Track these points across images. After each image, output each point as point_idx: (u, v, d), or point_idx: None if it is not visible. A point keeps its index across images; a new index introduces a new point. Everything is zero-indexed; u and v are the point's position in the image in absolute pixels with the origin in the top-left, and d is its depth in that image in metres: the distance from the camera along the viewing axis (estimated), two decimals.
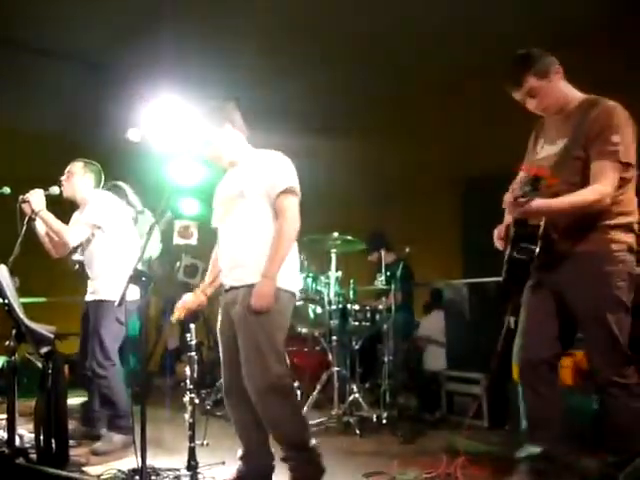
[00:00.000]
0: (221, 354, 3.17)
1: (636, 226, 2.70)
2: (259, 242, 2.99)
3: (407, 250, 5.30)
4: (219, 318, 3.17)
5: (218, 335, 3.19)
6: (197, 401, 3.44)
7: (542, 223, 2.62)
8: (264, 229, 3.02)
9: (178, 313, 3.34)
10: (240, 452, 3.17)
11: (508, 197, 2.62)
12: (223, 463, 3.52)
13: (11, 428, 2.97)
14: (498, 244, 2.91)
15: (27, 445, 3.38)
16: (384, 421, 4.60)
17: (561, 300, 2.74)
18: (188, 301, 3.33)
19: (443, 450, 3.58)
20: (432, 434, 4.39)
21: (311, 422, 4.39)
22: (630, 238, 2.67)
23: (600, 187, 2.55)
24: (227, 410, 3.21)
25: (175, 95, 6.39)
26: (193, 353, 3.49)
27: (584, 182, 2.60)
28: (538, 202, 2.47)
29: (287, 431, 3.01)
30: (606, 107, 2.62)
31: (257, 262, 2.95)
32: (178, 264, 7.26)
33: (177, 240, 7.23)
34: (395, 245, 5.98)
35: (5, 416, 3.18)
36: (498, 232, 2.92)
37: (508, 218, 2.85)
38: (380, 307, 5.10)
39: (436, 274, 6.45)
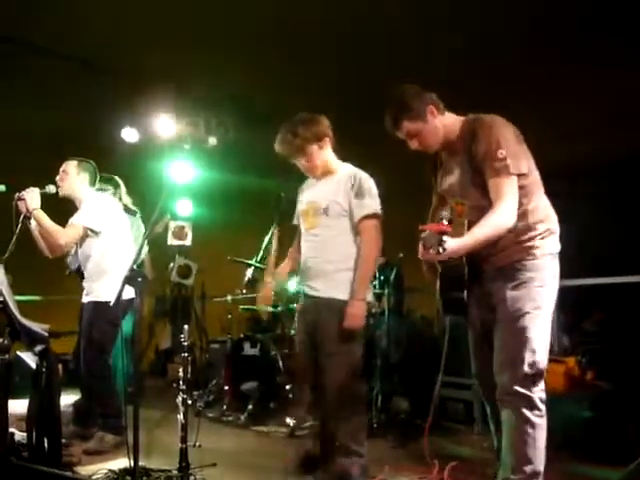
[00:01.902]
0: (298, 346, 3.48)
1: (554, 228, 2.68)
2: (340, 258, 3.23)
3: (400, 255, 5.31)
4: (297, 319, 3.49)
5: (296, 332, 3.55)
6: (190, 402, 3.44)
7: (464, 262, 2.62)
8: (346, 247, 3.25)
9: (264, 303, 3.70)
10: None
11: (421, 249, 2.48)
12: (214, 465, 3.51)
13: (3, 427, 2.96)
14: (428, 277, 2.86)
15: (18, 444, 3.36)
16: (376, 425, 4.61)
17: (490, 315, 2.70)
18: (269, 289, 3.55)
19: (435, 455, 3.59)
20: (423, 440, 4.40)
21: (304, 425, 4.41)
22: (550, 243, 2.65)
23: (501, 208, 2.52)
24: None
25: (172, 96, 6.43)
26: (186, 354, 3.48)
27: (490, 204, 2.57)
28: (452, 245, 2.38)
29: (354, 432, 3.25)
30: (483, 125, 2.62)
31: (338, 276, 3.22)
32: (172, 265, 7.27)
33: (171, 241, 7.24)
34: (386, 249, 5.99)
35: None
36: (427, 267, 2.87)
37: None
38: (373, 311, 5.11)
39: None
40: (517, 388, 2.53)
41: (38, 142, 6.86)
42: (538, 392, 2.56)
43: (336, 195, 3.25)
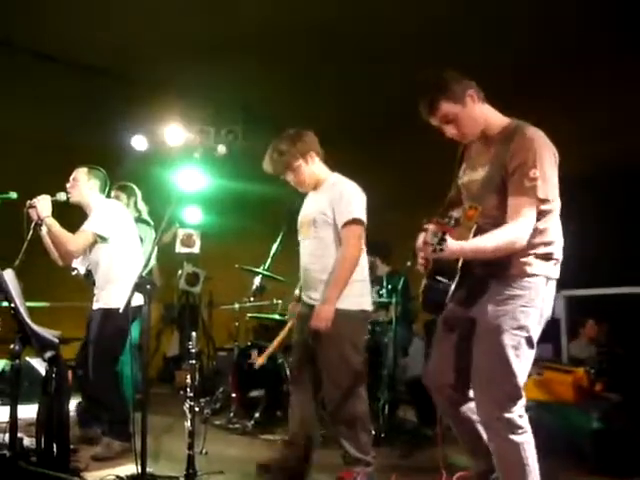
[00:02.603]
0: (293, 352, 3.59)
1: (557, 255, 2.58)
2: (328, 268, 3.32)
3: (408, 264, 5.31)
4: (296, 324, 3.61)
5: (293, 338, 3.62)
6: (197, 409, 3.45)
7: (459, 267, 2.56)
8: (331, 257, 3.33)
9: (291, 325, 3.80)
10: (287, 436, 3.53)
11: (420, 242, 2.43)
12: (221, 472, 3.52)
13: (13, 431, 2.97)
14: (421, 268, 2.73)
15: (27, 449, 3.38)
16: (382, 435, 4.60)
17: (468, 329, 2.62)
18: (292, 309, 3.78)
19: (442, 464, 3.57)
20: (431, 449, 4.39)
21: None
22: (548, 267, 2.55)
23: (515, 228, 2.43)
24: (292, 394, 3.55)
25: (181, 105, 6.47)
26: (194, 361, 3.48)
27: (503, 215, 2.48)
28: (452, 246, 2.29)
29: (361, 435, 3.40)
30: (526, 138, 2.47)
31: (323, 287, 3.34)
32: (180, 272, 7.30)
33: (180, 248, 7.26)
34: (393, 258, 6.01)
35: (7, 419, 3.18)
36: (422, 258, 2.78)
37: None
38: (380, 320, 5.12)
39: None
40: (496, 413, 2.46)
41: (49, 150, 6.91)
42: (518, 410, 2.48)
43: (322, 206, 3.37)
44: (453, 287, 2.57)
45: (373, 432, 4.58)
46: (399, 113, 6.69)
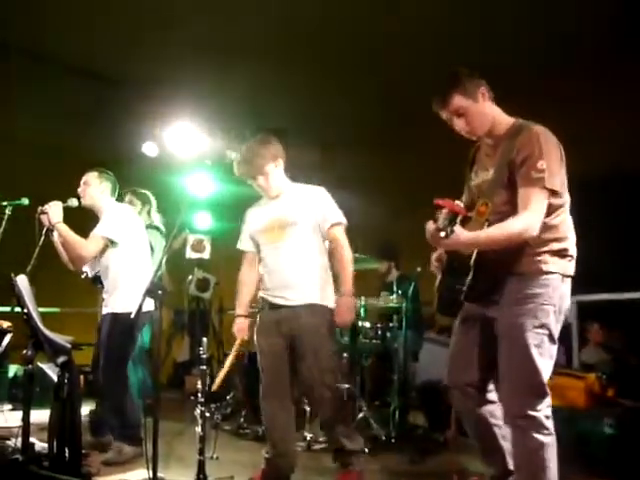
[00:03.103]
0: (262, 362, 3.49)
1: (572, 252, 2.61)
2: (312, 266, 3.42)
3: (418, 270, 5.30)
4: (262, 332, 3.51)
5: (259, 345, 3.51)
6: (207, 414, 3.45)
7: (474, 254, 2.57)
8: (316, 254, 3.45)
9: (239, 345, 3.65)
10: (265, 454, 3.45)
11: (430, 227, 2.41)
12: (232, 477, 3.52)
13: (25, 436, 2.99)
14: (434, 268, 2.84)
15: (38, 453, 3.40)
16: (393, 440, 4.59)
17: (488, 327, 2.64)
18: (243, 330, 3.64)
19: (453, 471, 3.56)
20: (441, 454, 4.38)
21: (320, 439, 4.41)
22: (564, 264, 2.58)
23: (525, 216, 2.46)
24: (263, 412, 3.50)
25: (192, 110, 6.51)
26: (205, 367, 3.49)
27: (513, 210, 2.51)
28: (465, 235, 2.36)
29: (345, 431, 3.44)
30: (532, 132, 2.53)
31: (313, 283, 3.40)
32: (190, 278, 7.32)
33: (190, 254, 7.29)
34: (403, 263, 6.00)
35: (19, 424, 3.20)
36: (436, 256, 2.85)
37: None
38: (391, 325, 5.11)
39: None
40: (523, 411, 2.48)
41: (60, 156, 6.96)
42: (544, 409, 2.51)
43: (302, 209, 3.44)
44: (467, 286, 2.59)
45: (384, 437, 4.62)
46: (412, 119, 6.74)
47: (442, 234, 2.29)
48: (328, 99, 6.51)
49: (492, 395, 2.77)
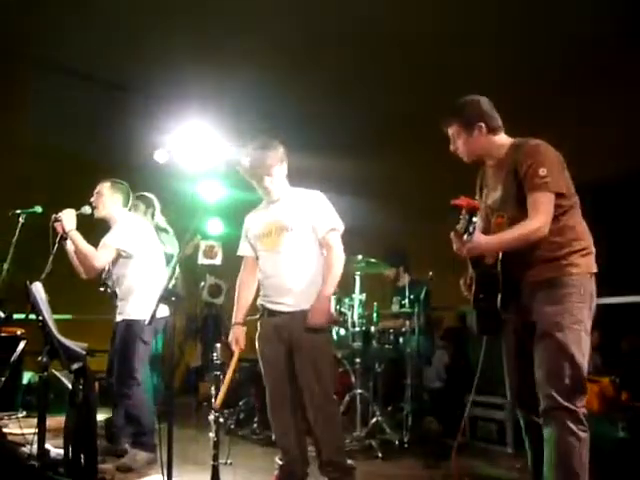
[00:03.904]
0: (264, 369, 3.47)
1: (592, 249, 2.74)
2: (309, 271, 3.39)
3: (430, 274, 5.30)
4: (262, 339, 3.48)
5: (260, 351, 3.48)
6: (221, 420, 3.46)
7: (499, 265, 2.73)
8: (313, 260, 3.42)
9: (237, 355, 3.53)
10: (279, 461, 3.44)
11: (453, 235, 2.69)
12: None
13: (41, 442, 3.02)
14: (466, 293, 2.98)
15: (54, 460, 3.42)
16: (406, 445, 4.58)
17: (529, 330, 2.72)
18: (240, 339, 3.55)
19: (466, 475, 3.55)
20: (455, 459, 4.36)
21: None
22: (587, 261, 2.70)
23: (535, 218, 2.63)
24: (271, 420, 3.47)
25: (202, 117, 6.53)
26: (218, 372, 3.51)
27: (525, 219, 2.68)
28: (484, 238, 2.62)
29: (339, 444, 3.42)
30: (530, 146, 2.74)
31: (311, 289, 3.36)
32: (202, 284, 7.34)
33: (202, 260, 7.31)
34: (414, 267, 5.99)
35: (34, 430, 3.23)
36: (464, 281, 2.99)
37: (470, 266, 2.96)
38: (403, 330, 5.11)
39: (457, 298, 6.40)
40: (562, 402, 2.55)
41: (73, 164, 7.01)
42: (582, 408, 2.58)
43: (299, 213, 3.42)
44: (500, 299, 2.73)
45: (397, 442, 4.61)
46: (421, 122, 6.74)
47: (465, 237, 2.51)
48: (338, 100, 6.52)
49: None
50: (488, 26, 5.25)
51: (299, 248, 3.39)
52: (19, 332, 5.51)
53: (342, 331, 4.98)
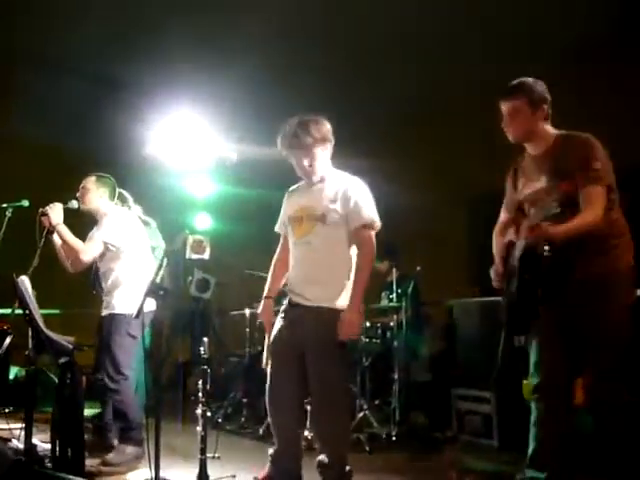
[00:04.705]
0: (273, 360, 3.22)
1: (631, 242, 2.84)
2: (335, 267, 3.15)
3: (418, 269, 5.32)
4: (279, 328, 3.23)
5: (274, 342, 3.23)
6: (209, 414, 3.46)
7: (548, 253, 2.69)
8: (341, 253, 3.16)
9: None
10: (271, 450, 3.25)
11: (528, 225, 2.73)
12: (234, 477, 3.53)
13: (28, 437, 3.01)
14: (495, 283, 3.00)
15: (41, 454, 3.41)
16: (394, 438, 4.61)
17: (571, 323, 2.80)
18: (267, 313, 3.36)
19: (452, 469, 3.58)
20: (442, 452, 4.40)
21: None
22: (630, 256, 2.80)
23: (591, 210, 2.68)
24: (269, 410, 3.27)
25: (191, 112, 6.52)
26: (205, 366, 3.50)
27: (565, 213, 2.72)
28: (552, 226, 2.63)
29: (343, 443, 3.20)
30: (582, 139, 2.80)
31: (335, 284, 3.13)
32: (190, 278, 7.32)
33: (190, 255, 7.29)
34: (403, 262, 6.01)
35: (20, 425, 3.22)
36: (495, 271, 3.01)
37: (498, 256, 3.01)
38: (391, 324, 5.13)
39: (445, 292, 6.44)
40: (610, 396, 2.70)
41: (60, 158, 6.97)
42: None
43: (333, 202, 3.15)
44: (544, 295, 2.73)
45: (384, 436, 4.64)
46: (415, 118, 6.78)
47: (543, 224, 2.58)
48: (329, 97, 6.51)
49: None
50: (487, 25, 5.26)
51: (328, 242, 3.14)
52: (5, 327, 5.48)
53: None
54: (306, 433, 4.38)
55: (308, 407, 4.42)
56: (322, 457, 3.12)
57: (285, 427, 3.23)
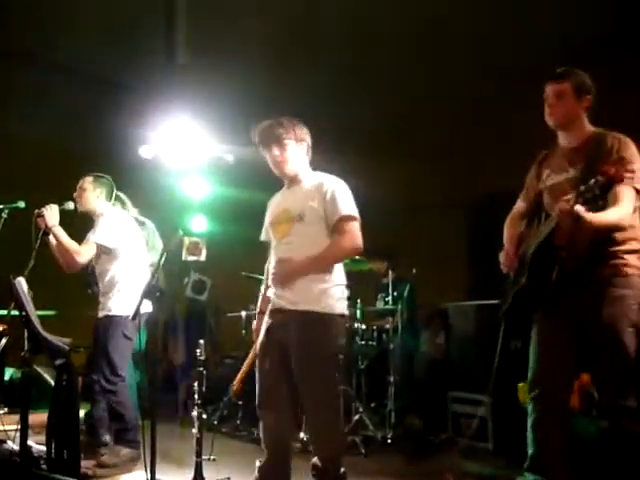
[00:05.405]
0: (260, 366, 3.17)
1: None
2: None
3: (414, 271, 5.34)
4: (264, 334, 3.17)
5: (260, 349, 3.19)
6: (204, 416, 3.46)
7: (565, 246, 2.70)
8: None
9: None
10: (259, 463, 3.17)
11: (565, 206, 2.59)
12: (229, 479, 3.54)
13: (23, 438, 3.00)
14: (504, 267, 3.01)
15: (36, 455, 3.41)
16: (389, 441, 4.61)
17: (575, 325, 2.80)
18: (257, 330, 3.28)
19: (448, 472, 3.58)
20: (437, 455, 4.40)
21: None
22: None
23: (621, 208, 2.67)
24: (260, 419, 3.19)
25: (187, 114, 6.52)
26: (202, 368, 3.51)
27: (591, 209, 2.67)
28: (588, 214, 2.54)
29: (336, 446, 3.13)
30: (621, 139, 2.79)
31: (314, 287, 3.05)
32: (186, 280, 7.33)
33: (186, 256, 7.29)
34: (399, 265, 6.02)
35: (15, 427, 3.21)
36: (506, 254, 3.01)
37: (509, 243, 3.02)
38: (387, 327, 5.14)
39: (441, 295, 6.45)
40: (619, 402, 2.68)
41: (57, 159, 6.96)
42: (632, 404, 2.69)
43: (311, 200, 3.12)
44: (552, 288, 2.72)
45: (380, 438, 4.64)
46: (411, 119, 6.78)
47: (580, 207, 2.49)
48: (325, 99, 6.52)
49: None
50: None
51: (309, 240, 3.08)
52: (1, 328, 5.46)
53: None
54: (302, 435, 4.41)
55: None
56: (316, 460, 3.08)
57: (275, 433, 3.14)
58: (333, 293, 3.08)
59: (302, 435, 4.50)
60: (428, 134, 6.80)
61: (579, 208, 2.51)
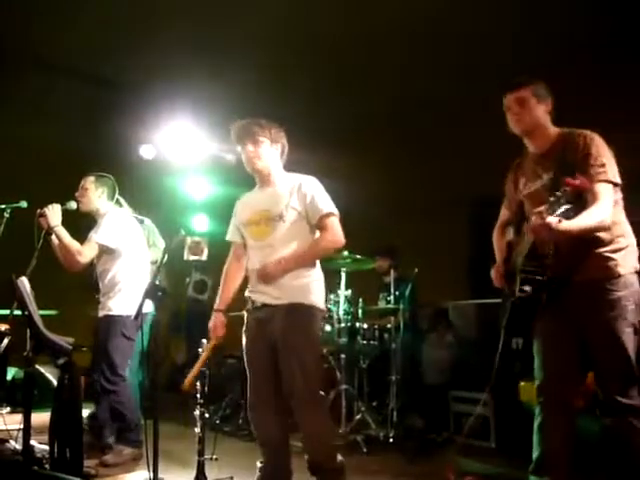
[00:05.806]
0: (248, 366, 3.24)
1: (635, 244, 2.80)
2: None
3: (415, 271, 5.33)
4: (247, 333, 3.27)
5: (245, 347, 3.27)
6: (207, 416, 3.46)
7: (551, 254, 2.70)
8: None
9: (214, 342, 3.38)
10: (260, 464, 3.23)
11: (538, 220, 2.52)
12: (231, 478, 3.54)
13: (26, 438, 3.01)
14: (497, 283, 3.01)
15: (39, 455, 3.41)
16: (391, 440, 4.62)
17: (575, 329, 2.79)
18: (218, 327, 3.40)
19: (449, 470, 3.58)
20: (439, 454, 4.40)
21: None
22: (633, 260, 2.76)
23: (598, 205, 2.63)
24: (251, 422, 3.26)
25: (188, 113, 6.53)
26: (204, 369, 3.51)
27: (569, 210, 2.61)
28: (562, 223, 2.49)
29: (326, 448, 3.15)
30: (587, 136, 2.77)
31: (300, 281, 3.14)
32: (188, 280, 7.34)
33: (188, 256, 7.31)
34: (401, 264, 6.02)
35: (18, 426, 3.22)
36: (496, 271, 3.02)
37: (499, 254, 3.04)
38: (388, 326, 5.14)
39: (442, 294, 6.45)
40: (623, 400, 2.66)
41: (59, 159, 6.97)
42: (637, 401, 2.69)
43: (291, 200, 3.19)
44: (548, 296, 2.72)
45: (382, 438, 4.64)
46: (410, 118, 6.77)
47: (553, 219, 2.43)
48: (327, 98, 6.52)
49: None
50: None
51: (290, 240, 3.15)
52: (3, 328, 5.47)
53: (328, 327, 5.00)
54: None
55: None
56: (309, 457, 3.11)
57: (267, 434, 3.18)
58: (314, 287, 3.19)
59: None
60: (430, 134, 6.80)
61: (551, 220, 2.46)
